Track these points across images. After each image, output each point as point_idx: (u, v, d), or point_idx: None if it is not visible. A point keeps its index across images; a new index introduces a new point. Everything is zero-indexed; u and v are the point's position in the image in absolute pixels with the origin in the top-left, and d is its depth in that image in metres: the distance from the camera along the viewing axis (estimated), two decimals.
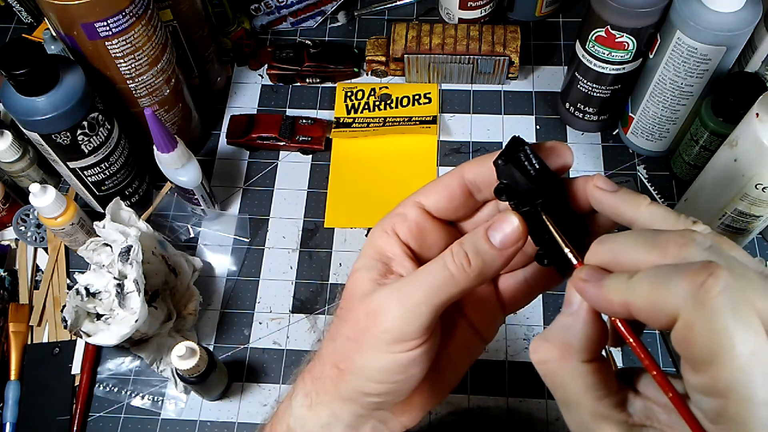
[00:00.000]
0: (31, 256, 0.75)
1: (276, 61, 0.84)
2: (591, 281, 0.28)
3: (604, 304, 0.27)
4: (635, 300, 0.26)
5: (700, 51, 0.62)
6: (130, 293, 0.61)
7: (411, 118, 0.81)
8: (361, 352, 0.32)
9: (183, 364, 0.58)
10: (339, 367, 0.33)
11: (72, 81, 0.61)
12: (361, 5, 0.91)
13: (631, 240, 0.27)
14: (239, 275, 0.73)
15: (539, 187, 0.30)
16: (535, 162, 0.30)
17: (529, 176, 0.30)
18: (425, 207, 0.34)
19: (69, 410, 0.67)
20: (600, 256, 0.28)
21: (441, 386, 0.36)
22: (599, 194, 0.31)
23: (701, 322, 0.23)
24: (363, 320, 0.32)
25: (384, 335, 0.31)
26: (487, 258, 0.30)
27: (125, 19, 0.61)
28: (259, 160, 0.80)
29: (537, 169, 0.30)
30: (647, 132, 0.74)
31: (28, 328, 0.71)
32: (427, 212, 0.34)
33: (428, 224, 0.34)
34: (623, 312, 0.26)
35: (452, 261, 0.30)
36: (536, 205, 0.30)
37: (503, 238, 0.30)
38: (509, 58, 0.79)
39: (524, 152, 0.30)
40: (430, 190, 0.34)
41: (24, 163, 0.73)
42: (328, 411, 0.34)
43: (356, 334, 0.32)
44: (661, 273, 0.25)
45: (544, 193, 0.30)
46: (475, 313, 0.37)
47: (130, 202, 0.73)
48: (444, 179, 0.33)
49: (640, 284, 0.25)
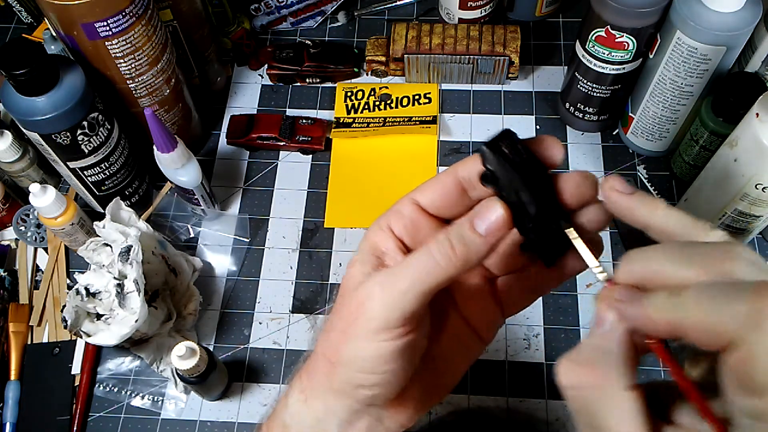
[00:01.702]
0: (31, 256, 0.75)
1: (276, 61, 0.84)
2: (627, 301, 0.27)
3: (648, 324, 0.26)
4: (685, 320, 0.25)
5: (700, 51, 0.62)
6: (130, 293, 0.61)
7: (411, 118, 0.81)
8: (349, 342, 0.32)
9: (183, 364, 0.58)
10: (331, 360, 0.34)
11: (72, 81, 0.61)
12: (361, 5, 0.91)
13: (665, 255, 0.27)
14: (239, 275, 0.73)
15: (523, 176, 0.30)
16: (521, 151, 0.30)
17: (512, 164, 0.30)
18: (421, 204, 0.34)
19: (69, 410, 0.67)
20: (633, 275, 0.28)
21: (438, 386, 0.36)
22: (615, 196, 0.30)
23: (764, 348, 0.22)
24: (353, 311, 0.32)
25: (370, 323, 0.31)
26: (471, 245, 0.30)
27: (125, 19, 0.61)
28: (259, 160, 0.80)
29: (523, 158, 0.30)
30: (647, 132, 0.74)
31: (28, 328, 0.71)
32: (422, 209, 0.34)
33: (423, 220, 0.34)
34: (667, 332, 0.26)
35: (437, 249, 0.30)
36: (519, 195, 0.30)
37: (488, 226, 0.30)
38: (509, 58, 0.79)
39: (511, 141, 0.30)
40: (426, 188, 0.34)
41: (24, 163, 0.73)
42: (322, 405, 0.35)
43: (346, 324, 0.32)
44: (714, 293, 0.24)
45: (529, 183, 0.30)
46: (473, 313, 0.37)
47: (130, 202, 0.73)
48: (440, 177, 0.34)
49: (690, 303, 0.25)
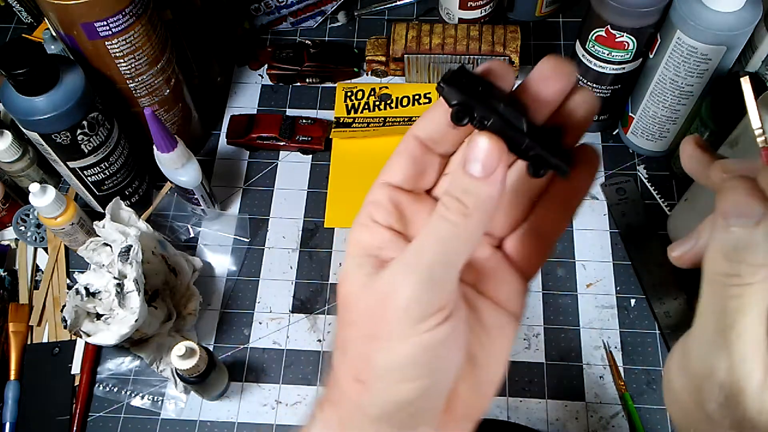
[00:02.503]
0: (31, 256, 0.75)
1: (276, 61, 0.84)
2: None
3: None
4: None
5: (700, 51, 0.62)
6: (130, 293, 0.61)
7: (411, 118, 0.81)
8: (381, 347, 0.27)
9: (183, 363, 0.58)
10: (359, 380, 0.28)
11: (72, 81, 0.62)
12: (361, 5, 0.91)
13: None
14: (239, 275, 0.73)
15: (495, 95, 0.27)
16: (479, 78, 0.28)
17: (478, 89, 0.27)
18: (394, 183, 0.30)
19: (69, 410, 0.67)
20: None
21: (485, 382, 0.31)
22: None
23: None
24: (374, 311, 0.27)
25: (403, 315, 0.26)
26: (479, 192, 0.26)
27: (125, 19, 0.61)
28: (259, 160, 0.80)
29: (485, 83, 0.28)
30: (647, 132, 0.74)
31: (27, 328, 0.71)
32: (397, 188, 0.30)
33: (404, 199, 0.30)
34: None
35: (447, 210, 0.26)
36: (502, 114, 0.27)
37: (483, 163, 0.26)
38: (509, 58, 0.79)
39: (465, 73, 0.28)
40: (391, 166, 0.31)
41: (24, 163, 0.73)
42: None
43: (370, 329, 0.27)
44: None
45: (504, 99, 0.27)
46: (494, 289, 0.32)
47: (130, 202, 0.73)
48: (399, 148, 0.31)
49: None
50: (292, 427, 0.66)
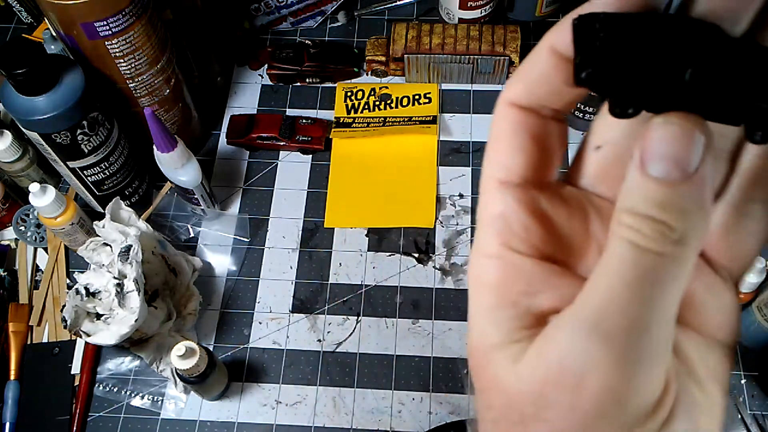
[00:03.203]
0: (31, 256, 0.75)
1: (276, 61, 0.84)
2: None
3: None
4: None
5: None
6: (130, 293, 0.61)
7: (411, 118, 0.81)
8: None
9: (183, 363, 0.58)
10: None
11: (72, 81, 0.61)
12: (361, 5, 0.91)
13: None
14: (239, 275, 0.73)
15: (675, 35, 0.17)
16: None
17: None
18: (516, 180, 0.20)
19: (69, 410, 0.67)
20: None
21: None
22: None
23: None
24: (544, 402, 0.18)
25: (600, 420, 0.17)
26: (682, 202, 0.17)
27: (125, 19, 0.61)
28: (259, 160, 0.80)
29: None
30: None
31: (27, 328, 0.71)
32: (525, 186, 0.20)
33: (543, 201, 0.20)
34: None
35: (636, 233, 0.17)
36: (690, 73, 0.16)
37: (674, 159, 0.16)
38: (509, 57, 0.79)
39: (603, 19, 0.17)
40: (497, 152, 0.20)
41: (24, 163, 0.73)
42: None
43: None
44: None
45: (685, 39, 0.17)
46: (695, 312, 0.20)
47: (130, 202, 0.73)
48: (498, 126, 0.20)
49: None
50: (292, 427, 0.66)
